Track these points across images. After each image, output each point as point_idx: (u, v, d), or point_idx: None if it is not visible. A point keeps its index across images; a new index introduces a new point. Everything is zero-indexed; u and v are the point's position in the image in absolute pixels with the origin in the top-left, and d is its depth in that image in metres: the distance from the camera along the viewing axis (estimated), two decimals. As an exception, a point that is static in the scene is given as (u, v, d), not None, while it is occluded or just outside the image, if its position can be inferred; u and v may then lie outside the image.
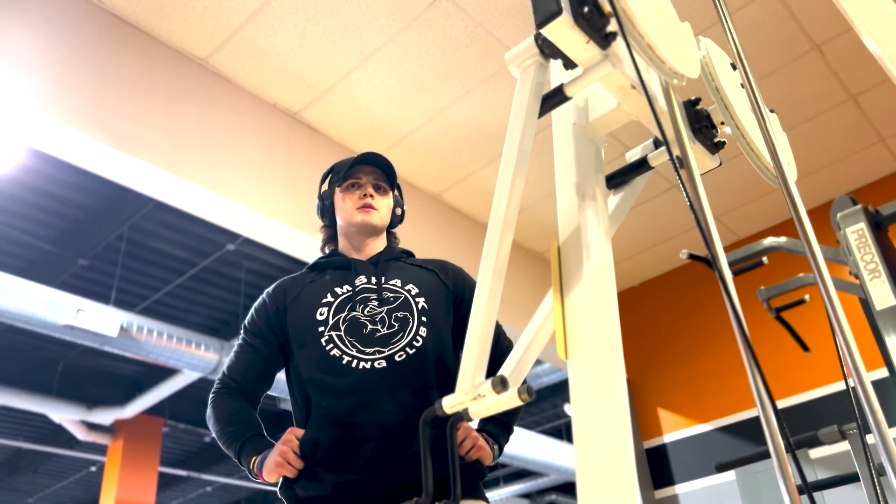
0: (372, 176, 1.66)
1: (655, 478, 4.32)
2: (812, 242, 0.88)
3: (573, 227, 0.93)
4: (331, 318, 1.51)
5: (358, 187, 1.65)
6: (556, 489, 10.13)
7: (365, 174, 1.66)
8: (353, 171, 1.66)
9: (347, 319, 1.51)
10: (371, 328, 1.50)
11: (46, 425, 7.50)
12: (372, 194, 1.64)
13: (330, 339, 1.48)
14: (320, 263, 1.65)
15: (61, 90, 2.52)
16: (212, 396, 1.57)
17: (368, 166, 1.67)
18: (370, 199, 1.63)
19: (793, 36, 3.13)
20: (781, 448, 0.72)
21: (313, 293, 1.57)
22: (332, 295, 1.55)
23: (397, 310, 1.53)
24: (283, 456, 1.39)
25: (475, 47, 3.05)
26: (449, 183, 3.85)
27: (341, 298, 1.54)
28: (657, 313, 4.71)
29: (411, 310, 1.54)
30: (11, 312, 4.22)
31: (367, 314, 1.52)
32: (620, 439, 0.80)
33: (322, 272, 1.62)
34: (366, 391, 1.43)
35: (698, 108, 1.15)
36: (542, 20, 0.86)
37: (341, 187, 1.66)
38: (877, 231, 1.98)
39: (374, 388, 1.43)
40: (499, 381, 0.91)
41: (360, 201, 1.63)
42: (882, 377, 3.56)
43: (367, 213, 1.62)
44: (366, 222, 1.62)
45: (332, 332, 1.49)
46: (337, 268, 1.62)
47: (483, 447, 1.48)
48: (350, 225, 1.64)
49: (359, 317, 1.51)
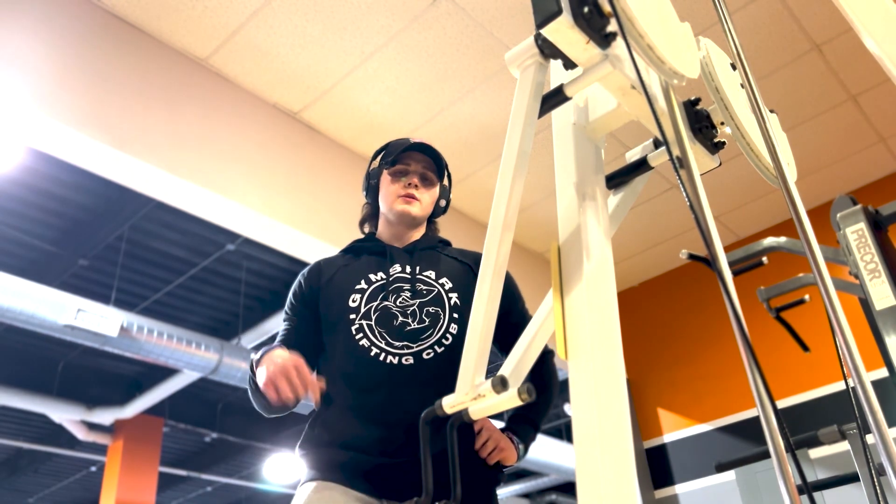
0: (422, 164, 1.62)
1: (655, 478, 4.32)
2: (812, 242, 0.88)
3: (573, 227, 0.93)
4: (363, 305, 1.48)
5: (405, 174, 1.60)
6: (556, 489, 10.12)
7: (415, 161, 1.61)
8: (404, 155, 1.61)
9: (379, 309, 1.47)
10: (402, 321, 1.46)
11: (46, 425, 7.49)
12: (417, 185, 1.60)
13: (360, 329, 1.45)
14: (356, 246, 1.62)
15: (61, 90, 2.52)
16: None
17: (420, 154, 1.62)
18: (414, 190, 1.59)
19: (793, 36, 3.13)
20: (781, 448, 0.72)
21: (347, 278, 1.53)
22: (365, 282, 1.51)
23: (429, 304, 1.50)
24: (285, 371, 1.25)
25: (475, 47, 3.05)
26: (449, 183, 3.84)
27: (375, 286, 1.51)
28: (657, 313, 4.71)
29: (443, 305, 1.50)
30: (11, 312, 4.22)
31: (399, 305, 1.48)
32: (620, 439, 0.80)
33: (357, 256, 1.59)
34: (392, 386, 1.40)
35: (698, 108, 1.15)
36: (542, 20, 0.86)
37: (390, 170, 1.61)
38: (877, 231, 1.98)
39: (401, 385, 1.40)
40: (499, 381, 0.91)
41: (404, 190, 1.58)
42: (882, 377, 3.55)
43: (408, 202, 1.58)
44: (406, 213, 1.58)
45: (362, 321, 1.46)
46: (372, 253, 1.58)
47: (506, 448, 1.44)
48: (390, 212, 1.60)
49: (391, 307, 1.47)
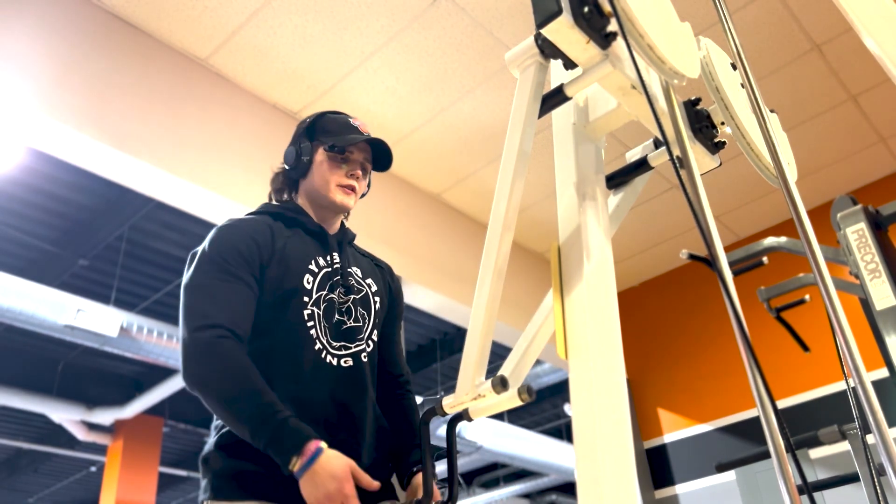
0: (364, 154, 1.51)
1: (655, 478, 4.32)
2: (812, 242, 0.88)
3: (573, 227, 0.93)
4: (314, 291, 1.37)
5: (346, 162, 1.48)
6: (556, 489, 10.12)
7: (358, 150, 1.50)
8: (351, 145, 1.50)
9: (326, 300, 1.38)
10: (338, 318, 1.38)
11: (46, 425, 7.49)
12: (359, 177, 1.49)
13: (312, 315, 1.34)
14: (286, 217, 1.45)
15: (61, 90, 2.52)
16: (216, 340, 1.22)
17: (364, 143, 1.51)
18: (355, 182, 1.48)
19: (793, 36, 3.13)
20: (781, 448, 0.72)
21: (297, 252, 1.39)
22: (314, 263, 1.40)
23: (360, 303, 1.43)
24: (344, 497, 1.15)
25: (475, 47, 3.05)
26: (449, 183, 3.85)
27: (323, 272, 1.40)
28: (657, 313, 4.71)
29: (369, 308, 1.45)
30: (11, 312, 4.22)
31: (340, 299, 1.40)
32: (620, 439, 0.80)
33: (288, 227, 1.43)
34: (333, 387, 1.32)
35: (698, 108, 1.15)
36: (543, 20, 0.86)
37: (330, 154, 1.47)
38: (877, 231, 1.98)
39: (341, 386, 1.33)
40: (499, 381, 0.91)
41: (346, 180, 1.47)
42: (882, 377, 3.55)
43: (347, 195, 1.46)
44: (344, 204, 1.46)
45: (314, 308, 1.35)
46: (308, 232, 1.45)
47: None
48: (323, 198, 1.46)
49: (335, 300, 1.39)
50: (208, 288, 1.28)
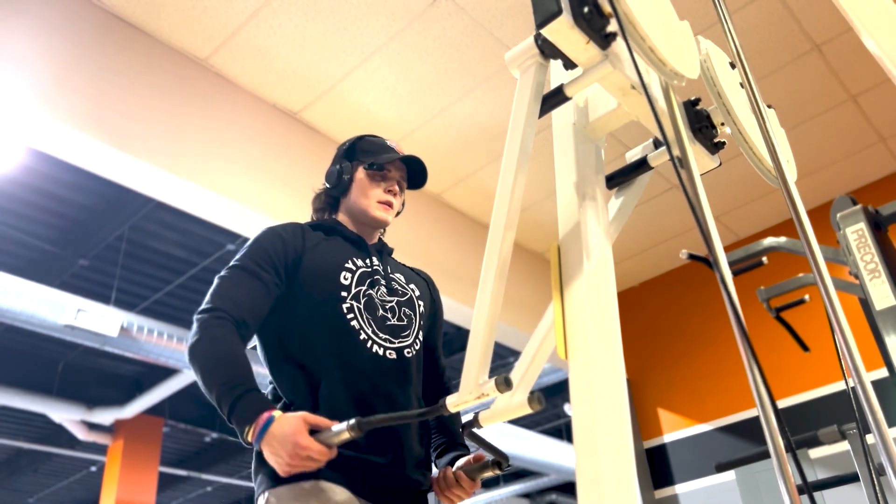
0: (400, 172, 1.59)
1: (655, 478, 4.32)
2: (812, 242, 0.88)
3: (573, 228, 0.93)
4: (353, 286, 1.42)
5: (385, 180, 1.56)
6: (556, 489, 10.12)
7: (396, 168, 1.58)
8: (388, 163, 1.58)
9: (366, 295, 1.43)
10: (382, 314, 1.43)
11: (46, 425, 7.49)
12: (396, 192, 1.57)
13: (351, 309, 1.40)
14: (326, 226, 1.53)
15: (61, 90, 2.52)
16: (206, 323, 1.29)
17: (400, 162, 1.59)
18: (393, 198, 1.56)
19: (793, 36, 3.13)
20: (781, 448, 0.72)
21: (333, 251, 1.46)
22: (352, 263, 1.46)
23: (405, 305, 1.48)
24: (305, 451, 1.14)
25: (475, 47, 3.05)
26: (449, 183, 3.85)
27: (361, 271, 1.46)
28: (657, 313, 4.71)
29: (415, 310, 1.50)
30: (11, 312, 4.22)
31: (381, 298, 1.45)
32: (620, 439, 0.80)
33: (329, 235, 1.51)
34: (378, 376, 1.36)
35: (698, 109, 1.15)
36: (543, 20, 0.87)
37: (369, 172, 1.56)
38: (877, 231, 1.98)
39: (386, 376, 1.37)
40: (502, 380, 0.91)
41: (385, 196, 1.54)
42: (882, 377, 3.56)
43: (386, 210, 1.54)
44: (382, 220, 1.54)
45: (353, 302, 1.40)
46: (346, 239, 1.52)
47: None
48: (363, 212, 1.54)
49: (374, 297, 1.44)
50: (222, 282, 1.38)
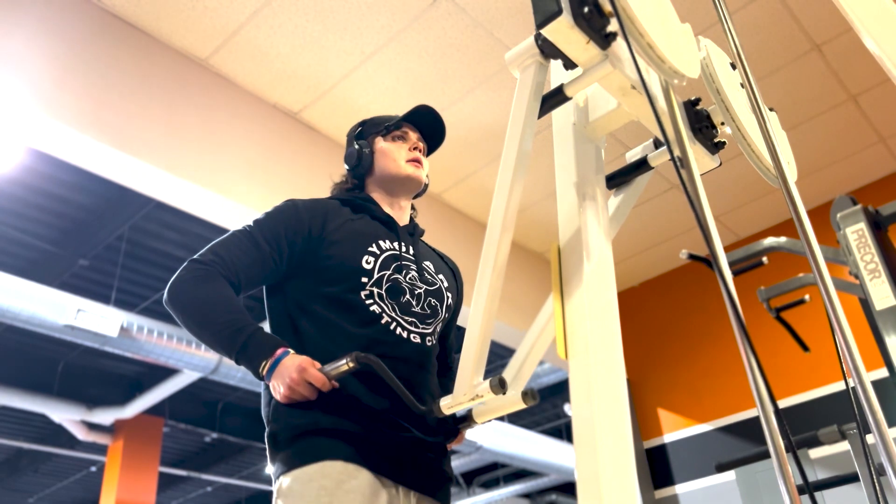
0: (416, 134, 1.53)
1: (655, 478, 4.32)
2: (812, 242, 0.88)
3: (573, 228, 0.93)
4: (375, 271, 1.35)
5: (405, 139, 1.51)
6: (556, 489, 10.12)
7: (411, 130, 1.53)
8: (403, 123, 1.54)
9: (391, 280, 1.36)
10: (407, 299, 1.37)
11: (46, 425, 7.49)
12: (422, 149, 1.51)
13: (371, 295, 1.34)
14: (357, 202, 1.46)
15: (61, 90, 2.52)
16: (198, 267, 1.29)
17: (416, 126, 1.53)
18: (419, 154, 1.49)
19: (793, 36, 3.13)
20: (781, 448, 0.72)
21: (358, 233, 1.39)
22: (377, 246, 1.39)
23: (433, 294, 1.42)
24: (307, 376, 1.19)
25: (475, 47, 3.05)
26: (449, 183, 3.84)
27: (387, 255, 1.39)
28: (657, 313, 4.71)
29: (442, 301, 1.44)
30: (11, 312, 4.22)
31: (409, 282, 1.39)
32: (620, 439, 0.80)
33: (356, 213, 1.44)
34: (401, 359, 1.31)
35: (698, 108, 1.15)
36: (543, 20, 0.86)
37: (386, 137, 1.50)
38: (877, 231, 1.98)
39: (409, 360, 1.32)
40: (497, 382, 0.91)
41: (410, 153, 1.48)
42: (882, 377, 3.55)
43: (417, 167, 1.48)
44: (416, 177, 1.47)
45: (374, 288, 1.34)
46: (375, 217, 1.45)
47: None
48: (396, 176, 1.47)
49: (400, 281, 1.37)
50: (224, 240, 1.36)
